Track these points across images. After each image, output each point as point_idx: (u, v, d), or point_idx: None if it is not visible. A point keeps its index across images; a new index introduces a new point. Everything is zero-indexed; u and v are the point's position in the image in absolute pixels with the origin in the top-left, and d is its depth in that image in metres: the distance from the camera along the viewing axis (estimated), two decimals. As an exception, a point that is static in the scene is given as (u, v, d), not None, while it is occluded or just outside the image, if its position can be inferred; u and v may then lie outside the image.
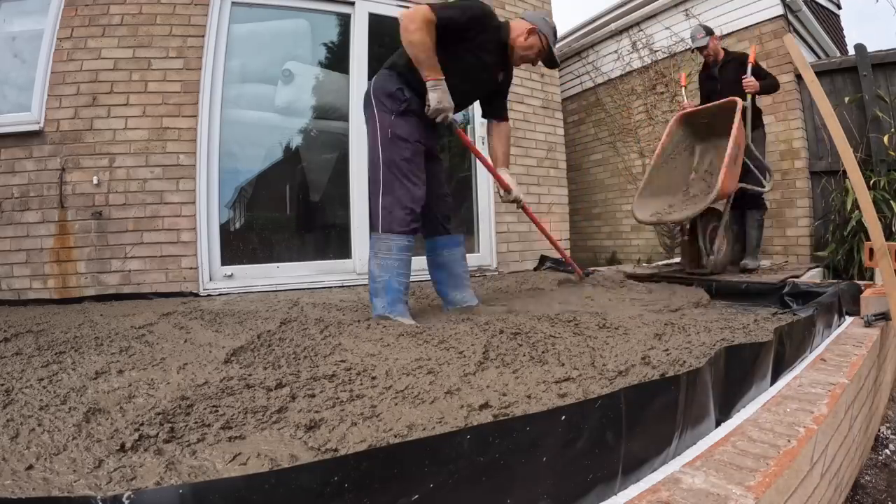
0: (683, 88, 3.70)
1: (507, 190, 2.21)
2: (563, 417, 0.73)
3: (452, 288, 2.15)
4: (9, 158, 2.84)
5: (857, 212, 3.66)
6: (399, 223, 1.89)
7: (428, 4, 1.85)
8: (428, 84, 1.84)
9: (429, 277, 2.26)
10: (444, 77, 1.85)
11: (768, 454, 0.86)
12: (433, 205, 2.10)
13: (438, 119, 1.90)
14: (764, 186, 3.26)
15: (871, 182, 3.76)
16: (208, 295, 2.99)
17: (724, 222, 3.03)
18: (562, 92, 6.45)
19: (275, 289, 3.13)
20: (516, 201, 2.25)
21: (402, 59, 1.96)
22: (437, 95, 1.84)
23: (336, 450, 0.78)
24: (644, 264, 4.61)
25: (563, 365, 1.20)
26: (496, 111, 2.26)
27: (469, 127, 4.02)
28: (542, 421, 0.71)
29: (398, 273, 1.89)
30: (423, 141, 1.98)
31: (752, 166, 3.20)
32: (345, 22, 3.60)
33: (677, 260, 4.19)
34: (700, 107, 3.35)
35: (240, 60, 3.38)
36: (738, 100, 2.97)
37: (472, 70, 2.00)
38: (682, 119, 3.37)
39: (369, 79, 3.59)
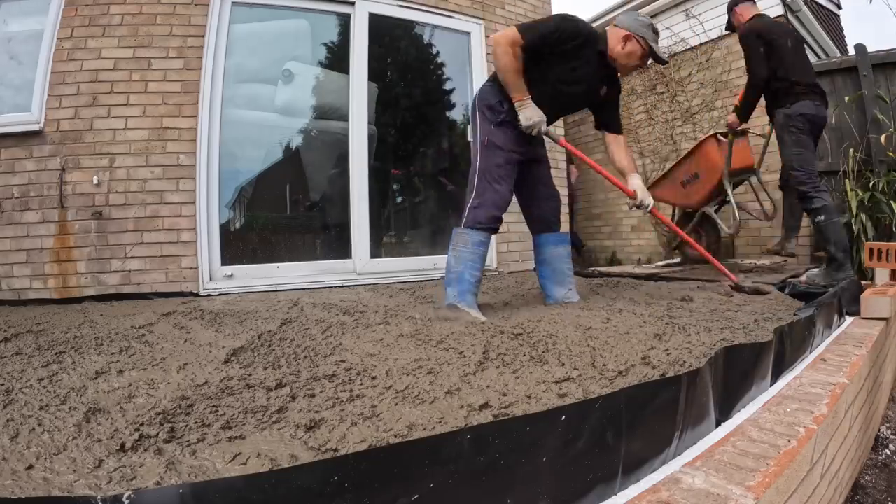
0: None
1: (632, 196, 2.28)
2: (564, 417, 0.73)
3: (555, 283, 2.23)
4: (9, 158, 2.84)
5: (856, 213, 3.67)
6: (481, 220, 2.02)
7: (516, 25, 1.99)
8: (515, 105, 2.01)
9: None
10: (528, 97, 2.00)
11: (768, 454, 0.86)
12: (540, 205, 2.25)
13: (533, 133, 2.04)
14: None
15: (871, 183, 3.76)
16: (208, 295, 2.99)
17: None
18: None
19: (275, 289, 3.13)
20: (642, 206, 2.29)
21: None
22: (526, 113, 2.00)
23: (336, 450, 0.78)
24: (644, 265, 4.61)
25: (563, 365, 1.20)
26: (607, 125, 2.33)
27: (469, 127, 4.02)
28: (542, 421, 0.71)
29: (472, 266, 2.00)
30: (517, 150, 2.09)
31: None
32: (345, 22, 3.60)
33: (677, 260, 4.19)
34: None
35: (240, 60, 3.38)
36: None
37: (567, 83, 2.10)
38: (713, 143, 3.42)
39: (369, 79, 3.64)
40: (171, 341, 1.59)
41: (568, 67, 2.06)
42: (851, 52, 4.16)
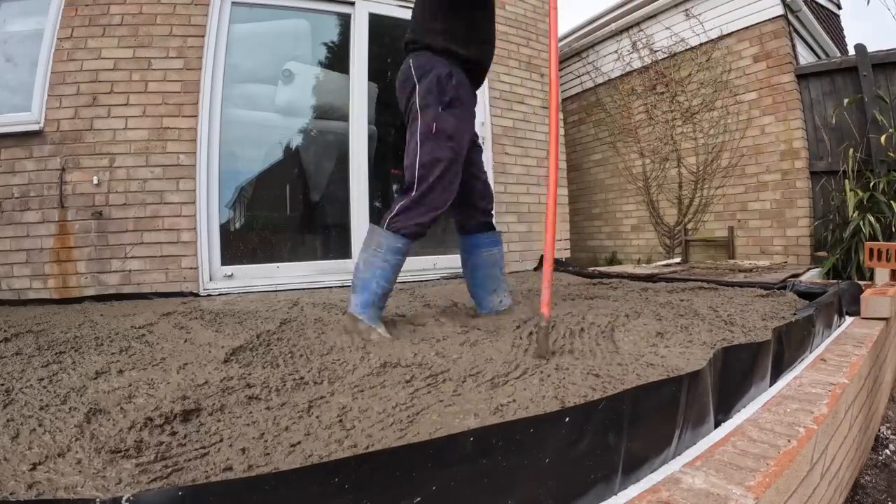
0: None
1: None
2: (567, 419, 0.73)
3: (489, 291, 1.93)
4: (9, 158, 2.84)
5: (856, 214, 3.67)
6: (408, 227, 1.69)
7: None
8: None
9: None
10: None
11: (768, 454, 0.86)
12: (475, 201, 1.93)
13: None
14: None
15: (871, 184, 3.76)
16: (208, 295, 2.99)
17: None
18: (562, 92, 6.46)
19: (275, 289, 3.13)
20: None
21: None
22: None
23: (335, 450, 0.78)
24: (644, 264, 4.61)
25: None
26: None
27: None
28: (545, 423, 0.71)
29: (382, 276, 1.67)
30: (468, 137, 1.81)
31: None
32: (345, 22, 3.60)
33: (677, 260, 4.19)
34: None
35: (240, 60, 3.38)
36: None
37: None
38: None
39: (369, 79, 3.64)
40: (171, 341, 1.59)
41: None
42: (851, 52, 4.16)
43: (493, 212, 2.00)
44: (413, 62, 1.75)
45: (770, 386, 1.27)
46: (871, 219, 3.60)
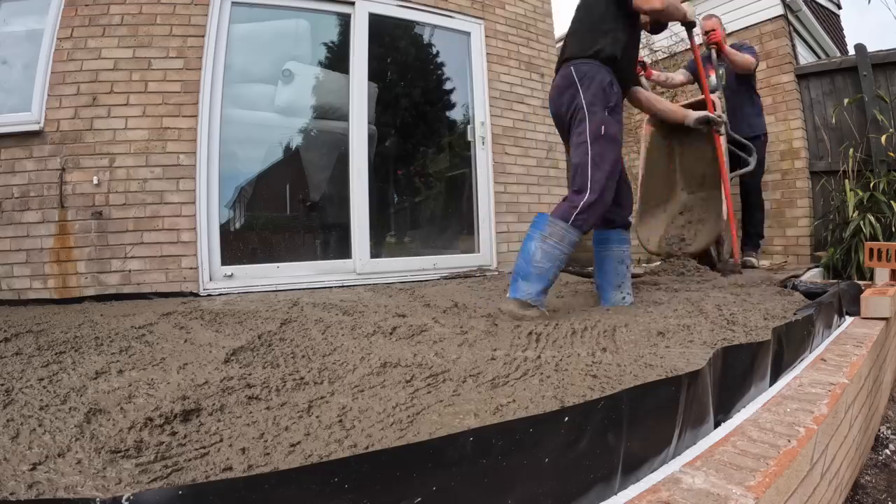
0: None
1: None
2: (566, 419, 0.73)
3: (613, 286, 2.10)
4: (9, 158, 2.84)
5: (856, 214, 3.67)
6: (589, 223, 1.89)
7: None
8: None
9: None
10: None
11: (768, 454, 0.86)
12: (621, 198, 2.11)
13: (721, 131, 2.50)
14: (749, 164, 3.19)
15: (871, 184, 3.76)
16: (208, 295, 2.99)
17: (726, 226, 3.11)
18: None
19: (275, 289, 3.13)
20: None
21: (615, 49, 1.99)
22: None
23: (335, 450, 0.78)
24: (644, 264, 4.61)
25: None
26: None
27: (469, 127, 4.02)
28: (543, 422, 0.71)
29: (558, 266, 1.84)
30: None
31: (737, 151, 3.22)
32: (345, 22, 3.60)
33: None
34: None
35: (240, 60, 3.38)
36: (711, 98, 2.97)
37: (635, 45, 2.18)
38: (652, 120, 3.42)
39: (369, 79, 3.64)
40: (171, 341, 1.59)
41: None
42: (851, 52, 4.16)
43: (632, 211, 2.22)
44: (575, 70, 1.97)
45: (770, 386, 1.27)
46: (871, 219, 3.60)
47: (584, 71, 1.96)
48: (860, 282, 2.53)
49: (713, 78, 3.50)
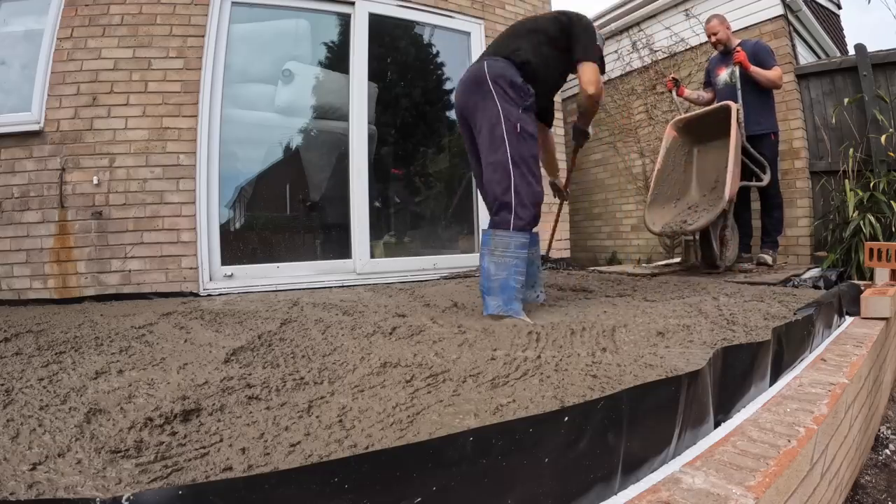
0: (673, 92, 3.70)
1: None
2: (566, 419, 0.73)
3: (528, 286, 2.12)
4: (9, 158, 2.84)
5: (856, 213, 3.66)
6: (526, 221, 1.89)
7: (591, 60, 1.93)
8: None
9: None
10: None
11: (768, 454, 0.86)
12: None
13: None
14: (762, 180, 3.30)
15: (872, 184, 3.75)
16: (208, 295, 2.99)
17: (731, 222, 3.20)
18: (561, 92, 6.46)
19: (275, 289, 3.13)
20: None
21: (535, 59, 1.97)
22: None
23: (335, 450, 0.78)
24: (644, 264, 4.61)
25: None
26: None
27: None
28: (543, 422, 0.71)
29: (517, 270, 1.85)
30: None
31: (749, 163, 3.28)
32: (345, 22, 3.61)
33: (677, 260, 4.19)
34: (692, 114, 3.45)
35: (240, 60, 3.38)
36: (731, 104, 3.04)
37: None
38: (677, 126, 3.48)
39: (369, 79, 3.64)
40: (171, 341, 1.59)
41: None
42: (851, 51, 4.15)
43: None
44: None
45: (770, 386, 1.27)
46: (872, 219, 3.59)
47: (497, 68, 1.91)
48: (860, 282, 2.53)
49: (722, 76, 3.53)
